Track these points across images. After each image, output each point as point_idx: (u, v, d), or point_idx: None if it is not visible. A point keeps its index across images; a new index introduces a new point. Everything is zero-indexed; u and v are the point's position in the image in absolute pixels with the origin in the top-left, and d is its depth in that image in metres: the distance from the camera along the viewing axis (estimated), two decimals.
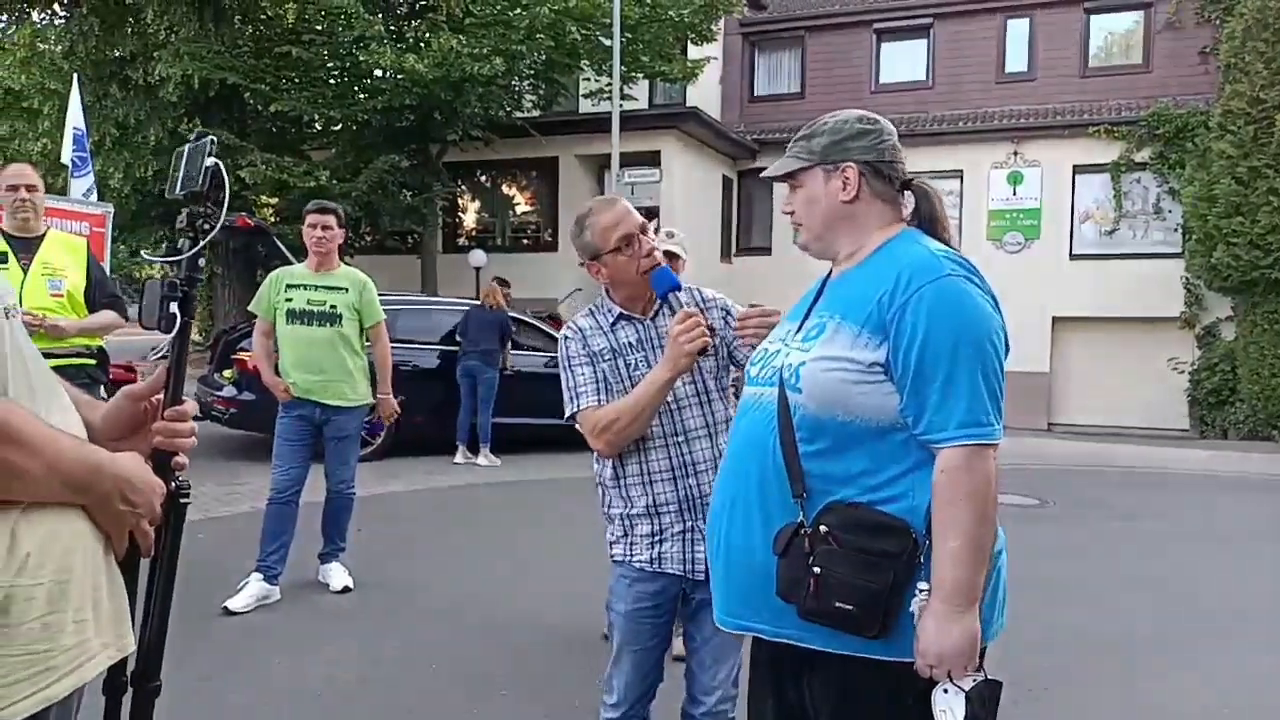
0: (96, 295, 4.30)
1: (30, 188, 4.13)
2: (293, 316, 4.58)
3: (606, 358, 2.30)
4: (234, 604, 4.33)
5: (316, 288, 4.61)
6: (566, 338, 2.36)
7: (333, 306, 4.60)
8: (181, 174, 1.42)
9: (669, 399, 2.24)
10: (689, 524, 2.24)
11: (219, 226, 1.41)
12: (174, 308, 1.40)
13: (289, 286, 4.62)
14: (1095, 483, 9.81)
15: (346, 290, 4.65)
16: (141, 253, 15.17)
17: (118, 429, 1.39)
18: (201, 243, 1.41)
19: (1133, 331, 16.17)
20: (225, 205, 1.43)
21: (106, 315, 4.32)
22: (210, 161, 1.40)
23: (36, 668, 1.12)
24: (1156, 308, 15.82)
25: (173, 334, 1.41)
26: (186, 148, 1.44)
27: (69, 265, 4.22)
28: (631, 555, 2.28)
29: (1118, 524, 7.59)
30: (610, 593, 2.37)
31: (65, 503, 1.18)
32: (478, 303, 9.79)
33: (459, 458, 9.15)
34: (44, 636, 1.13)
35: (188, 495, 1.39)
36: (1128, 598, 5.26)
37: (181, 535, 1.40)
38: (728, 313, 2.36)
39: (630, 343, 2.31)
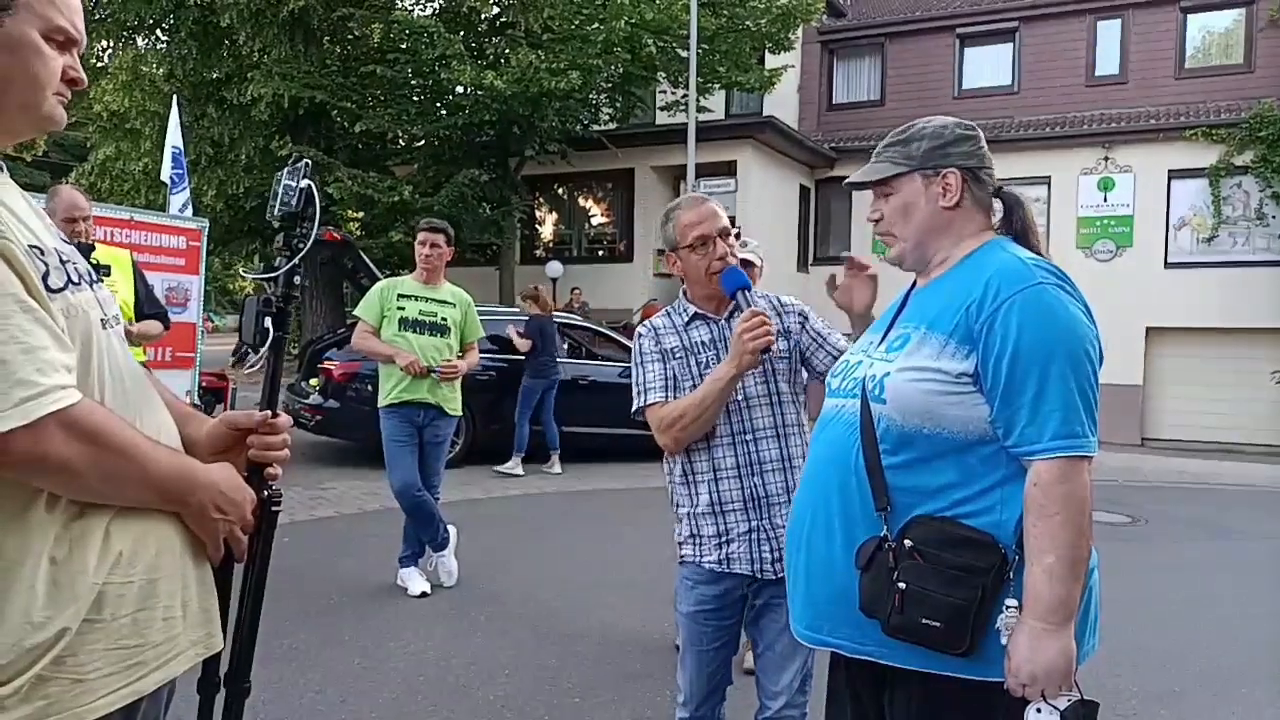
0: (144, 307, 4.43)
1: (87, 218, 4.08)
2: (405, 324, 4.74)
3: (677, 355, 2.33)
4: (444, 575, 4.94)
5: (428, 300, 4.82)
6: (640, 334, 2.41)
7: (443, 319, 4.80)
8: (279, 197, 1.45)
9: (738, 396, 2.25)
10: (754, 523, 2.26)
11: (310, 243, 1.45)
12: (268, 323, 1.44)
13: (401, 296, 4.80)
14: (1191, 500, 9.38)
15: (454, 306, 4.87)
16: (240, 270, 15.74)
17: (218, 446, 1.42)
18: (295, 259, 1.45)
19: (1232, 343, 15.44)
20: (316, 222, 1.47)
21: (154, 326, 4.43)
22: (304, 183, 1.45)
23: (127, 662, 1.16)
24: (1259, 318, 15.10)
25: (265, 348, 1.44)
26: (284, 170, 1.47)
27: (118, 279, 4.29)
28: (700, 556, 2.30)
29: (1214, 544, 7.24)
30: (675, 594, 2.39)
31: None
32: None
33: (553, 466, 9.20)
34: (134, 632, 1.17)
35: (279, 503, 1.42)
36: (1221, 621, 5.02)
37: (273, 542, 1.43)
38: (804, 318, 2.39)
39: (702, 341, 2.34)
